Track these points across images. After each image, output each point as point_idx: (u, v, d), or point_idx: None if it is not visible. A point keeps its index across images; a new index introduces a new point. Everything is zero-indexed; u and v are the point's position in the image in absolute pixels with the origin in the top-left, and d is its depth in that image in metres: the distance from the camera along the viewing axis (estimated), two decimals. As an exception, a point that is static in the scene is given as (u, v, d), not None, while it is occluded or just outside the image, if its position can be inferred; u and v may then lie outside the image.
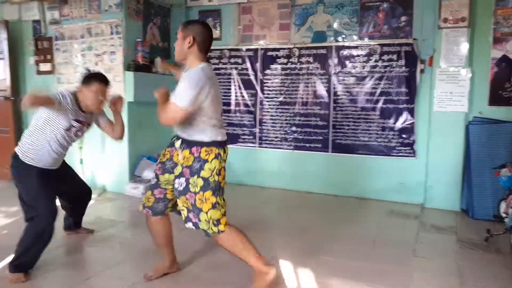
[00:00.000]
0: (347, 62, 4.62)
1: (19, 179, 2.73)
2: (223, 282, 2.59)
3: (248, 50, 5.09)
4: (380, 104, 4.53)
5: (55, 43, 4.99)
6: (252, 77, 5.12)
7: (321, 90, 4.76)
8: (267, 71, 5.02)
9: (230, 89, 5.27)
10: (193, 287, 2.54)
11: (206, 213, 2.23)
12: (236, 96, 5.24)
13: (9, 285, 2.51)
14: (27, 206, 2.71)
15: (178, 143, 2.33)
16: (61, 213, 3.11)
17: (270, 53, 4.97)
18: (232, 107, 5.28)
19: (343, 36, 4.62)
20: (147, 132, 4.88)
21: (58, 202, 2.93)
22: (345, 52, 4.61)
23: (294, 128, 4.96)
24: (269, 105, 5.07)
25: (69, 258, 2.99)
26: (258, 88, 5.10)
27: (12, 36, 5.14)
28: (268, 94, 5.06)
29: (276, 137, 5.08)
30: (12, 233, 3.39)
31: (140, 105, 4.77)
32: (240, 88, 5.21)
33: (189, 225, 2.32)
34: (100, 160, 4.89)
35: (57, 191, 2.92)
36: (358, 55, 4.56)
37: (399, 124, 4.48)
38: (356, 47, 4.56)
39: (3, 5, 5.23)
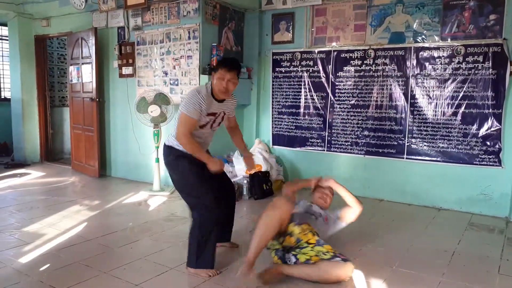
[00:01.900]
0: (426, 64, 4.39)
1: (173, 169, 2.79)
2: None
3: (320, 52, 5.04)
4: (462, 109, 4.25)
5: (136, 48, 5.30)
6: (323, 80, 5.05)
7: (398, 93, 4.57)
8: (340, 73, 4.93)
9: (300, 92, 5.25)
10: None
11: None
12: (306, 99, 5.21)
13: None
14: (187, 196, 2.77)
15: None
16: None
17: (343, 55, 4.87)
18: (301, 110, 5.26)
19: (423, 36, 4.39)
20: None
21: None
22: (425, 54, 4.38)
23: (366, 132, 4.81)
24: (340, 108, 4.97)
25: (141, 253, 3.14)
26: (329, 90, 5.02)
27: (99, 41, 5.56)
28: (339, 96, 4.96)
29: (346, 141, 4.97)
30: (92, 226, 3.68)
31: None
32: (310, 91, 5.17)
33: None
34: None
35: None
36: (439, 57, 4.31)
37: (483, 131, 4.16)
38: (437, 48, 4.32)
39: (92, 13, 5.67)
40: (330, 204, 3.27)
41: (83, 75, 5.79)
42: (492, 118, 4.11)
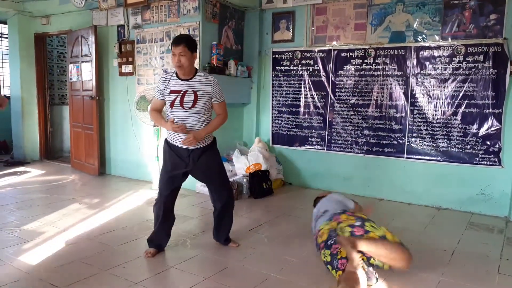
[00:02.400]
0: (427, 63, 4.39)
1: None
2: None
3: (320, 51, 5.03)
4: (462, 108, 4.25)
5: (136, 46, 5.29)
6: (323, 79, 5.05)
7: (398, 92, 4.57)
8: (340, 72, 4.93)
9: (300, 91, 5.24)
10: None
11: None
12: (306, 98, 5.21)
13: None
14: None
15: None
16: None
17: (343, 54, 4.87)
18: (301, 109, 5.25)
19: (424, 36, 4.39)
20: (217, 133, 5.00)
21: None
22: (425, 53, 4.38)
23: (366, 132, 4.81)
24: (340, 107, 4.96)
25: (141, 251, 3.13)
26: (329, 89, 5.02)
27: (99, 40, 5.55)
28: (339, 96, 4.96)
29: (346, 141, 4.96)
30: (92, 224, 3.68)
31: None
32: (310, 90, 5.16)
33: None
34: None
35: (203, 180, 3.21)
36: (439, 56, 4.31)
37: (483, 130, 4.16)
38: (437, 48, 4.32)
39: (92, 12, 5.66)
40: None
41: (83, 73, 5.78)
42: (492, 117, 4.11)
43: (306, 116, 5.23)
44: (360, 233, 2.64)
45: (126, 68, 5.44)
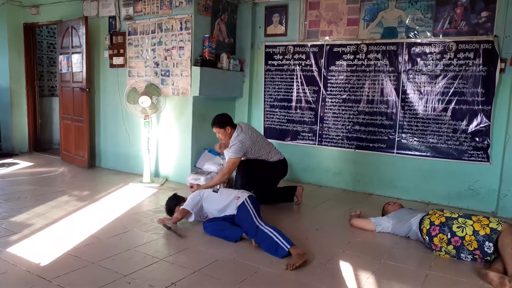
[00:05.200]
0: (418, 60, 4.41)
1: None
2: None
3: (313, 46, 5.03)
4: (452, 105, 4.29)
5: (127, 38, 5.24)
6: (315, 74, 5.06)
7: (389, 88, 4.60)
8: (332, 68, 4.93)
9: (292, 85, 5.24)
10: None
11: None
12: (298, 92, 5.21)
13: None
14: None
15: None
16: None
17: (336, 49, 4.87)
18: (293, 104, 5.26)
19: (416, 32, 4.41)
20: (210, 125, 4.99)
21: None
22: (417, 49, 4.41)
23: (357, 127, 4.83)
24: (332, 102, 4.98)
25: (131, 244, 3.12)
26: (321, 84, 5.03)
27: (90, 31, 5.47)
28: (331, 91, 4.97)
29: (337, 135, 4.99)
30: (81, 217, 3.65)
31: (205, 99, 4.89)
32: (302, 85, 5.17)
33: None
34: (165, 151, 5.09)
35: None
36: (431, 53, 4.34)
37: (472, 127, 4.21)
38: (429, 44, 4.34)
39: (83, 2, 5.58)
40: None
41: (73, 64, 5.70)
42: (482, 114, 4.16)
43: (298, 110, 5.24)
44: None
45: (117, 60, 5.39)
